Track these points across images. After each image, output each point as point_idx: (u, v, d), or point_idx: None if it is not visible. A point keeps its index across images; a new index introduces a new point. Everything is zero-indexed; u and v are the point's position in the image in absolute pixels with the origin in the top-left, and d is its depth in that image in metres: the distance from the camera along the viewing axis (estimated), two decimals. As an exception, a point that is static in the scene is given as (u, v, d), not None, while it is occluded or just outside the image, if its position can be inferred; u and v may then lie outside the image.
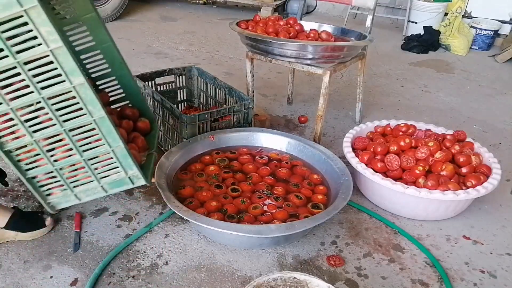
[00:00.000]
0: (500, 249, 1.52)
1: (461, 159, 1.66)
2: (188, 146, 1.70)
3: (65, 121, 1.02)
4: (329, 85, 1.86)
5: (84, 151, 1.07)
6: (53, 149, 1.07)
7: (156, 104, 1.89)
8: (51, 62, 0.94)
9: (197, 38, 3.95)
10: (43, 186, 1.15)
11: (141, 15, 4.67)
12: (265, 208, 1.49)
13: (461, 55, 3.85)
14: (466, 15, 4.32)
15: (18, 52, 0.93)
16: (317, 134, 1.99)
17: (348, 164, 1.66)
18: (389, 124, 1.95)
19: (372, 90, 2.92)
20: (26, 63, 0.95)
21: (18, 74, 0.96)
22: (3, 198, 1.62)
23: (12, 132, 1.04)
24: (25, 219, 1.41)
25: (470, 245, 1.53)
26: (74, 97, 0.99)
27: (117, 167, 1.12)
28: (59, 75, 0.95)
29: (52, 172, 1.10)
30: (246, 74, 2.17)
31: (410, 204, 1.58)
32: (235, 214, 1.44)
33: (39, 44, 0.92)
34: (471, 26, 4.05)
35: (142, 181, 1.16)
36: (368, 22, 2.18)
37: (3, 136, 1.03)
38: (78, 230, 1.47)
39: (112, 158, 1.09)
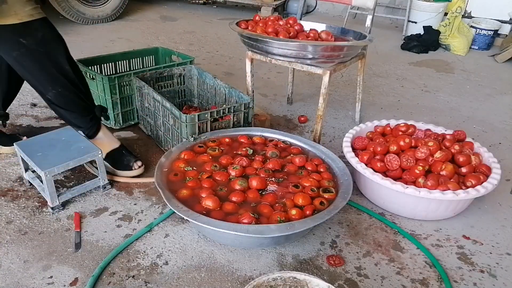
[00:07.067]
0: (500, 249, 1.52)
1: (461, 159, 1.66)
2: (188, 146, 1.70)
3: None
4: (329, 85, 1.86)
5: None
6: None
7: (156, 104, 1.90)
8: None
9: (197, 38, 3.95)
10: None
11: (141, 14, 4.67)
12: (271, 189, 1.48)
13: (461, 55, 3.85)
14: (466, 15, 4.32)
15: None
16: (317, 134, 1.99)
17: (348, 164, 1.67)
18: (388, 124, 1.95)
19: (372, 90, 2.92)
20: None
21: None
22: (3, 198, 1.62)
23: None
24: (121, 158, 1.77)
25: (470, 245, 1.53)
26: None
27: None
28: None
29: None
30: (246, 74, 2.17)
31: (409, 204, 1.58)
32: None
33: None
34: (471, 26, 4.05)
35: None
36: (368, 22, 2.18)
37: None
38: (79, 230, 1.48)
39: None
